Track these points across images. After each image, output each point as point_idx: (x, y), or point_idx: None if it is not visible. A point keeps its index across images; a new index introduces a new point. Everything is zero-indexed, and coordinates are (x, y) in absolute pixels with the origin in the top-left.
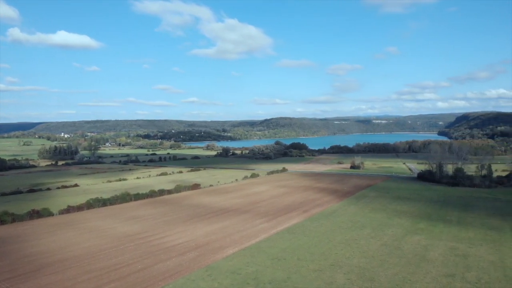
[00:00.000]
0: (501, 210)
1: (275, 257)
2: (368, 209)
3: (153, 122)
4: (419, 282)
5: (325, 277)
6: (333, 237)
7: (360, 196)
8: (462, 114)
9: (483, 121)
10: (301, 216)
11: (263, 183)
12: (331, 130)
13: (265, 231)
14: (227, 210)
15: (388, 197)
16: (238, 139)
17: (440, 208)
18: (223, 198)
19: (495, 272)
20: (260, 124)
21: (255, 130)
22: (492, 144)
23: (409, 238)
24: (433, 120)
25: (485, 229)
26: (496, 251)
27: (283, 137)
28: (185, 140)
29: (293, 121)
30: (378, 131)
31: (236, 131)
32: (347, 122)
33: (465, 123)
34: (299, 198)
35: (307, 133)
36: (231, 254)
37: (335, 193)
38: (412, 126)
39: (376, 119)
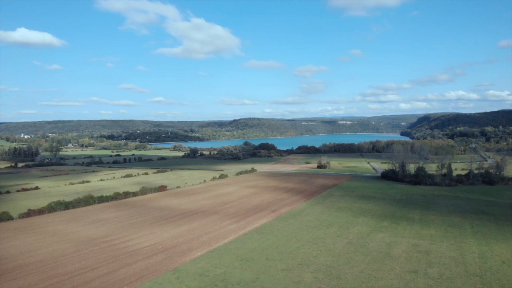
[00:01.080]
0: (461, 207)
1: (243, 257)
2: (334, 208)
3: (118, 122)
4: (384, 278)
5: (293, 276)
6: (301, 236)
7: (327, 195)
8: (424, 115)
9: (443, 122)
10: (269, 216)
11: (231, 184)
12: (299, 130)
13: (234, 232)
14: (195, 212)
15: (353, 196)
16: (206, 139)
17: (403, 206)
18: (191, 199)
19: (456, 267)
20: (229, 125)
21: (224, 131)
22: (452, 144)
23: (374, 235)
24: (396, 121)
25: (446, 226)
26: (456, 248)
27: (252, 137)
28: (151, 140)
29: (262, 122)
30: (344, 131)
31: (204, 132)
32: (314, 123)
33: (426, 124)
34: (268, 198)
35: (276, 133)
36: (199, 256)
37: (302, 193)
38: (376, 127)
39: (341, 120)
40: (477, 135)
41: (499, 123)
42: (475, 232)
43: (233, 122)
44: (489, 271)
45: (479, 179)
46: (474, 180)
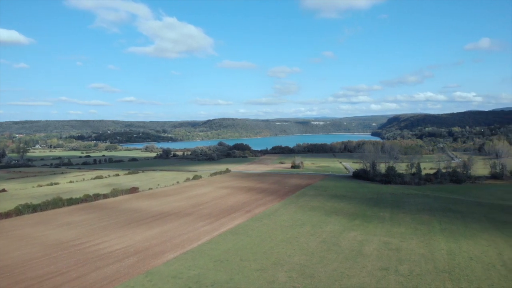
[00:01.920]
0: (430, 205)
1: (217, 259)
2: (308, 207)
3: (87, 123)
4: (356, 276)
5: (267, 276)
6: (275, 236)
7: (300, 194)
8: (393, 115)
9: (412, 123)
10: (244, 216)
11: (205, 185)
12: (273, 131)
13: (208, 233)
14: (168, 214)
15: (326, 195)
16: (179, 140)
17: (374, 205)
18: (164, 201)
19: (426, 264)
20: (203, 125)
21: (198, 131)
22: (421, 144)
23: (346, 234)
24: (367, 122)
25: (416, 224)
26: (426, 245)
27: (226, 138)
28: (122, 141)
29: (236, 122)
30: (317, 132)
31: (177, 132)
32: (288, 123)
33: (396, 124)
34: (242, 198)
35: (250, 134)
36: (172, 258)
37: (277, 193)
38: (348, 127)
39: (314, 120)
40: (445, 135)
41: (466, 124)
42: (443, 230)
43: (207, 122)
44: (458, 268)
45: (447, 178)
46: (442, 179)
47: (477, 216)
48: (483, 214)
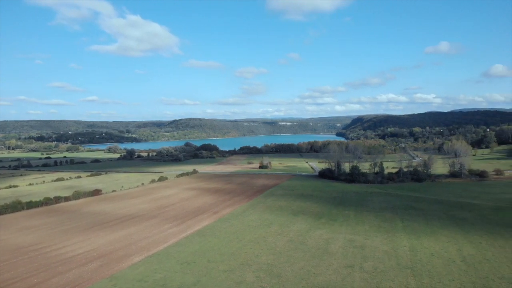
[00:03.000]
0: (392, 204)
1: (184, 261)
2: (275, 207)
3: (48, 123)
4: (322, 274)
5: (235, 277)
6: (243, 237)
7: (268, 195)
8: (357, 116)
9: (375, 123)
10: (211, 217)
11: (172, 186)
12: (241, 131)
13: (174, 235)
14: (133, 216)
15: (293, 195)
16: (144, 140)
17: (339, 204)
18: (128, 203)
19: (389, 261)
20: (169, 125)
21: (163, 131)
22: (383, 144)
23: (313, 232)
24: (332, 122)
25: (379, 222)
26: (389, 242)
27: (194, 138)
28: (84, 142)
29: (204, 122)
30: (284, 132)
31: (142, 132)
32: (255, 124)
33: (360, 125)
34: (210, 199)
35: (218, 134)
36: (138, 261)
37: (245, 193)
38: (314, 128)
39: (282, 121)
40: (406, 135)
41: (426, 124)
42: (405, 227)
43: (173, 122)
44: (419, 263)
45: (408, 176)
46: (404, 178)
47: (438, 214)
48: (443, 212)
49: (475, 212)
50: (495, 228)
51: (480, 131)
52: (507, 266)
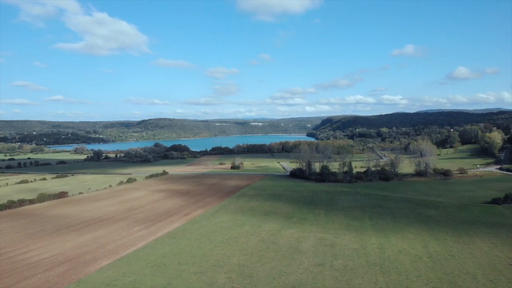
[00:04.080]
0: (361, 202)
1: (154, 264)
2: (247, 207)
3: (11, 123)
4: (294, 273)
5: (206, 279)
6: (214, 238)
7: (240, 195)
8: (327, 117)
9: (344, 124)
10: (182, 219)
11: (140, 188)
12: (213, 131)
13: (144, 238)
14: (100, 219)
15: (265, 195)
16: (112, 141)
17: (310, 203)
18: (95, 206)
19: (359, 258)
20: (137, 125)
21: (132, 132)
22: (352, 144)
23: (284, 232)
24: (303, 123)
25: (348, 220)
26: (358, 240)
27: (163, 138)
28: (49, 143)
29: (174, 122)
30: (256, 132)
31: (110, 133)
32: (227, 124)
33: (329, 126)
34: (181, 201)
35: (189, 134)
36: (106, 265)
37: (216, 194)
38: (285, 128)
39: (253, 121)
40: (374, 135)
41: (393, 125)
42: (374, 225)
43: (142, 122)
44: (387, 261)
45: (376, 175)
46: (372, 177)
47: (404, 212)
48: (410, 210)
49: (440, 210)
50: (459, 225)
51: (444, 131)
52: (472, 262)
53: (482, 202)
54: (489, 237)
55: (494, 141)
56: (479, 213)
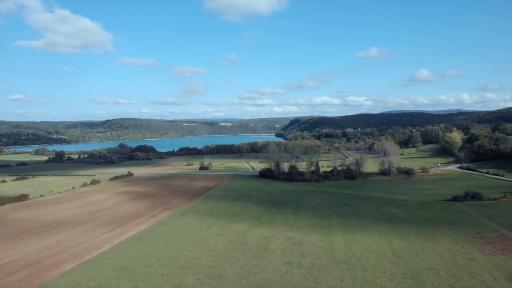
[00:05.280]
0: (328, 200)
1: (120, 267)
2: (216, 208)
3: None
4: (262, 272)
5: (174, 281)
6: (182, 239)
7: (209, 196)
8: (295, 118)
9: (311, 124)
10: (149, 221)
11: (105, 190)
12: (180, 132)
13: (109, 241)
14: (63, 222)
15: (234, 195)
16: (74, 142)
17: (278, 202)
18: (58, 209)
19: (326, 256)
20: (101, 125)
21: (95, 132)
22: (319, 144)
23: (253, 232)
24: (272, 123)
25: (316, 219)
26: (325, 238)
27: (128, 139)
28: (8, 144)
29: (139, 122)
30: (225, 133)
31: (72, 133)
32: (195, 124)
33: (297, 126)
34: (147, 203)
35: (155, 135)
36: (70, 269)
37: (184, 195)
38: (254, 129)
39: (222, 121)
40: (340, 136)
41: (358, 125)
42: (340, 223)
43: (106, 122)
44: (354, 258)
45: (342, 175)
46: (338, 176)
47: (369, 210)
48: (375, 207)
49: (404, 208)
50: (422, 222)
51: (407, 131)
52: (434, 257)
53: (443, 200)
54: (450, 234)
55: (454, 141)
56: (441, 210)
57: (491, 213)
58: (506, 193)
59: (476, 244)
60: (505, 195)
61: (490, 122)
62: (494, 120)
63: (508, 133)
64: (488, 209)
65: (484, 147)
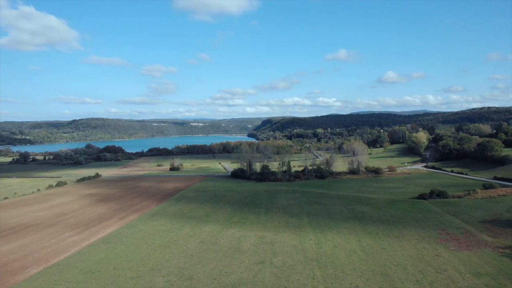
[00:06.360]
0: (299, 200)
1: (88, 270)
2: (187, 209)
3: None
4: (234, 273)
5: (144, 283)
6: (152, 241)
7: (180, 197)
8: (267, 118)
9: (283, 125)
10: (117, 224)
11: (71, 192)
12: (150, 132)
13: (76, 244)
14: (28, 225)
15: (205, 196)
16: (39, 142)
17: (250, 202)
18: (22, 212)
19: (297, 254)
20: (68, 126)
21: (61, 132)
22: (290, 144)
23: (225, 232)
24: (244, 124)
25: (287, 217)
26: (296, 236)
27: (96, 139)
28: None
29: (107, 122)
30: (196, 133)
31: (37, 134)
32: (165, 124)
33: (269, 127)
34: (115, 205)
35: (124, 135)
36: (35, 273)
37: (154, 196)
38: (226, 129)
39: (193, 121)
40: (311, 136)
41: (328, 126)
42: (311, 221)
43: (72, 122)
44: (324, 255)
45: (313, 174)
46: (309, 175)
47: (339, 208)
48: (344, 206)
49: (372, 206)
50: (389, 219)
51: (375, 132)
52: (401, 254)
53: (410, 198)
54: (417, 231)
55: (420, 141)
56: (408, 208)
57: (456, 211)
58: (469, 191)
59: (442, 241)
60: (469, 193)
61: (455, 122)
62: (458, 120)
63: (471, 133)
64: (452, 207)
65: (449, 146)
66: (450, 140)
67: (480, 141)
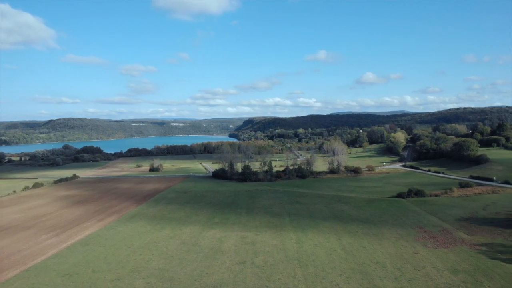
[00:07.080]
0: (280, 199)
1: (66, 273)
2: (167, 210)
3: None
4: (215, 273)
5: (124, 285)
6: (131, 243)
7: (159, 198)
8: (248, 118)
9: (264, 125)
10: (96, 225)
11: (48, 194)
12: (129, 132)
13: (53, 246)
14: (4, 228)
15: (186, 197)
16: (15, 143)
17: (232, 202)
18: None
19: (278, 254)
20: (44, 126)
21: (38, 133)
22: (272, 144)
23: (206, 233)
24: (225, 124)
25: (269, 217)
26: (278, 236)
27: (73, 140)
28: None
29: (85, 123)
30: (176, 133)
31: (13, 134)
32: (145, 125)
33: (251, 127)
34: (94, 206)
35: (102, 135)
36: (12, 277)
37: (133, 198)
38: (207, 129)
39: (174, 122)
40: (292, 136)
41: (308, 126)
42: (292, 221)
43: (49, 122)
44: (305, 254)
45: (294, 174)
46: (290, 175)
47: (320, 207)
48: (324, 205)
49: (352, 205)
50: (369, 218)
51: (354, 132)
52: (381, 252)
53: (389, 197)
54: (395, 229)
55: (398, 141)
56: (386, 206)
57: (433, 209)
58: (446, 189)
59: (420, 239)
60: (446, 192)
61: (432, 122)
62: (435, 121)
63: (448, 133)
64: (430, 205)
65: (426, 146)
66: (427, 140)
67: (457, 141)
